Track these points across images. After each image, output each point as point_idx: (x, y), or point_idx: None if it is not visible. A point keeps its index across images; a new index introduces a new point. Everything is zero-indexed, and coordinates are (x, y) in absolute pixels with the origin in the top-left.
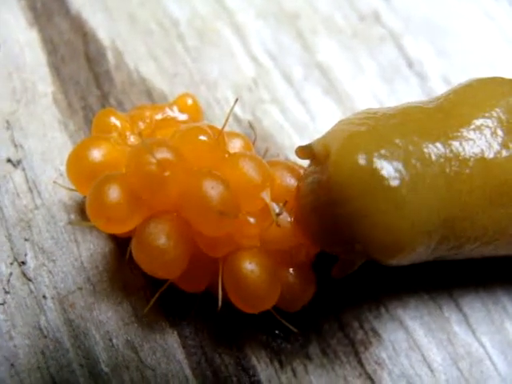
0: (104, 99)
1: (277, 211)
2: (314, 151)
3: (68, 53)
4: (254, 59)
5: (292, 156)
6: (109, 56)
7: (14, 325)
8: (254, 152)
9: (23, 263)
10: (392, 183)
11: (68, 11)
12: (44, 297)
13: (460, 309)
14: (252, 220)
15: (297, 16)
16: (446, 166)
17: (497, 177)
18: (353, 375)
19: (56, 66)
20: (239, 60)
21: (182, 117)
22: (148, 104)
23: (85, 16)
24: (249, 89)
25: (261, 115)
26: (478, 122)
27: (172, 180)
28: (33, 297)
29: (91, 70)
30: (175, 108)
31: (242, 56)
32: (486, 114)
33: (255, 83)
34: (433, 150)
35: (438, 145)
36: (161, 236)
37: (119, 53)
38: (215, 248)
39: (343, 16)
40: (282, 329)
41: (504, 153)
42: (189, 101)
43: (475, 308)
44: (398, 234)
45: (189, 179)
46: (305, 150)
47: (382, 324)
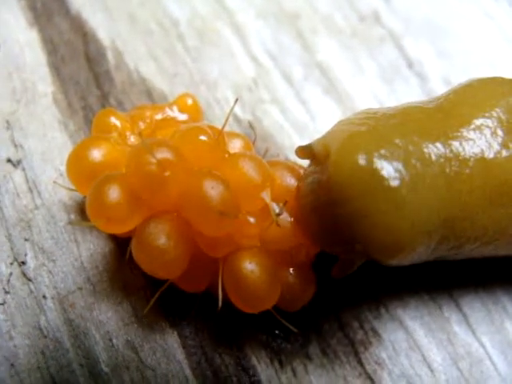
0: (104, 99)
1: (277, 211)
2: (314, 151)
3: (68, 53)
4: (254, 59)
5: (292, 156)
6: (109, 56)
7: (14, 325)
8: (254, 152)
9: (23, 263)
10: (392, 183)
11: (68, 11)
12: (44, 297)
13: (460, 309)
14: (252, 220)
15: (297, 16)
16: (446, 166)
17: (497, 177)
18: (353, 375)
19: (56, 66)
20: (239, 60)
21: (182, 117)
22: (148, 104)
23: (85, 16)
24: (249, 89)
25: (261, 115)
26: (478, 122)
27: (172, 180)
28: (33, 297)
29: (91, 70)
30: (175, 108)
31: (242, 56)
32: (486, 114)
33: (255, 83)
34: (433, 150)
35: (438, 145)
36: (161, 236)
37: (119, 53)
38: (215, 248)
39: (343, 16)
40: (282, 329)
41: (504, 153)
42: (189, 101)
43: (475, 308)
44: (398, 234)
45: (189, 179)
46: (305, 150)
47: (382, 324)
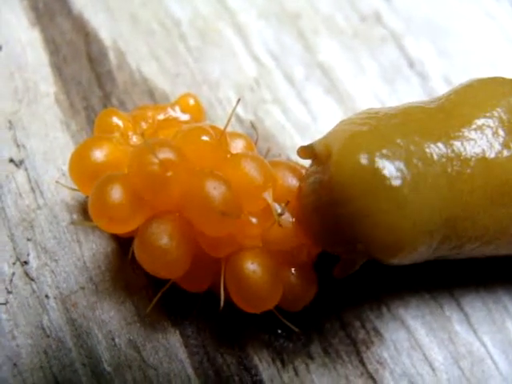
0: (106, 99)
1: (279, 211)
2: (316, 151)
3: (70, 53)
4: (256, 59)
5: (294, 156)
6: (111, 56)
7: (17, 324)
8: (256, 152)
9: (26, 263)
10: (394, 183)
11: (70, 11)
12: (46, 296)
13: (461, 308)
14: (254, 220)
15: (298, 16)
16: (448, 166)
17: (498, 177)
18: (355, 374)
19: (58, 66)
20: (241, 60)
21: (184, 117)
22: (150, 104)
23: (87, 16)
24: (251, 89)
25: (263, 115)
26: (480, 122)
27: (174, 180)
28: (35, 296)
29: (93, 70)
30: (177, 108)
31: (244, 56)
32: (487, 114)
33: (257, 83)
34: (434, 150)
35: (440, 145)
36: (163, 236)
37: (121, 53)
38: (217, 248)
39: (344, 16)
40: (284, 328)
41: (505, 153)
42: (191, 101)
43: (476, 307)
44: (400, 234)
45: (191, 179)
46: (306, 150)
47: (384, 323)
